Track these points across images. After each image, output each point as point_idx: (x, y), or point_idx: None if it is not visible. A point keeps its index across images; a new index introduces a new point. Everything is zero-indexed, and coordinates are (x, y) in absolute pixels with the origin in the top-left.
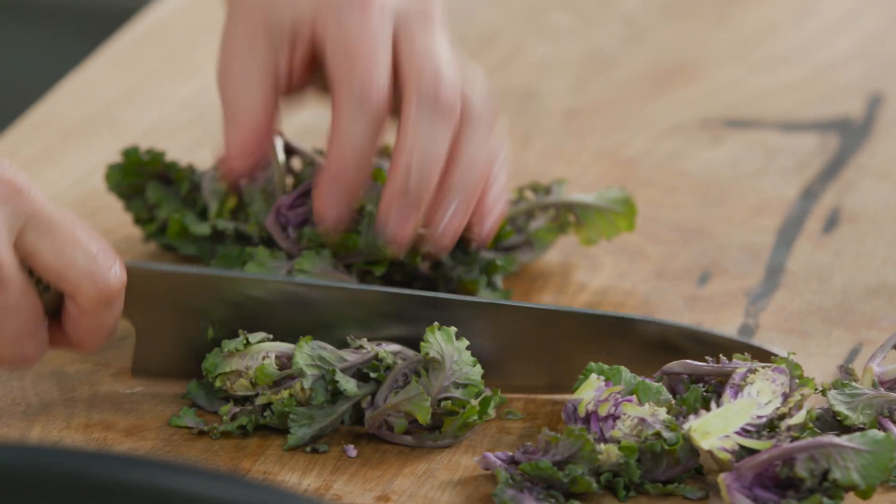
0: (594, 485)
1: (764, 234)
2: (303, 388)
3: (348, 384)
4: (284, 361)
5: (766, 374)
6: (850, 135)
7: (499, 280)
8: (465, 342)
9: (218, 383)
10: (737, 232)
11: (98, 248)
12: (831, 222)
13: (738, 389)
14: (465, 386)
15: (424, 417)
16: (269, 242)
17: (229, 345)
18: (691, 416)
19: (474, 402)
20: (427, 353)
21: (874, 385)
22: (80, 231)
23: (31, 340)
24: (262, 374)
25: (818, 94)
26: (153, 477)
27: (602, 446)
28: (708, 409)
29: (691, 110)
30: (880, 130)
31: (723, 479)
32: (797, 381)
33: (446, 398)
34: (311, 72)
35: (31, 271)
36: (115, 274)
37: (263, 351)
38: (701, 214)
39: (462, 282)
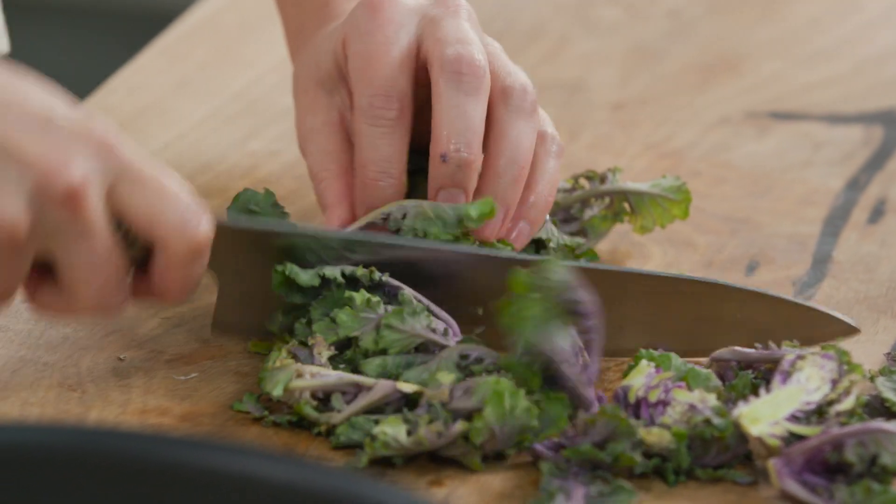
0: (637, 458)
1: (810, 225)
2: None
3: (385, 449)
4: (320, 395)
5: (814, 360)
6: (895, 127)
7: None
8: (520, 397)
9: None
10: (783, 222)
11: (188, 200)
12: (877, 213)
13: (786, 376)
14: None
15: (479, 467)
16: (378, 287)
17: (266, 387)
18: (740, 403)
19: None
20: (477, 442)
21: None
22: (172, 183)
23: (115, 292)
24: (301, 411)
25: (862, 87)
26: (210, 458)
27: (649, 429)
28: (757, 395)
29: (737, 103)
30: None
31: (773, 464)
32: (846, 367)
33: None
34: None
35: (119, 224)
36: (204, 226)
37: (298, 390)
38: (748, 205)
39: None
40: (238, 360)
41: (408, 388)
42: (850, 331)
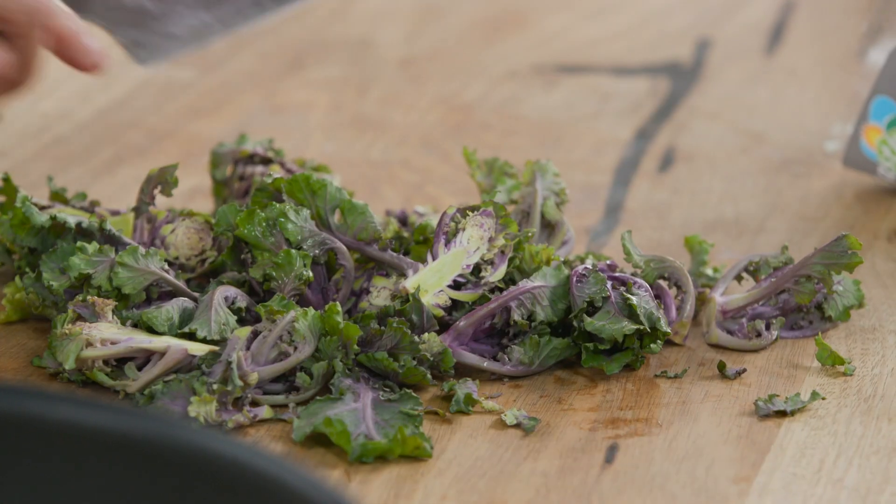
0: (429, 376)
1: (601, 174)
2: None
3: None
4: (114, 363)
5: (475, 219)
6: (681, 78)
7: None
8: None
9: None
10: (575, 172)
11: None
12: (666, 161)
13: (448, 238)
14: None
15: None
16: (111, 240)
17: (58, 357)
18: (409, 272)
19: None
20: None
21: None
22: None
23: None
24: (95, 379)
25: (648, 40)
26: (24, 405)
27: (424, 335)
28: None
29: (524, 57)
30: (709, 74)
31: (441, 340)
32: (501, 222)
33: None
34: None
35: None
36: None
37: (90, 358)
38: (539, 156)
39: None
40: (37, 316)
41: (199, 350)
42: None
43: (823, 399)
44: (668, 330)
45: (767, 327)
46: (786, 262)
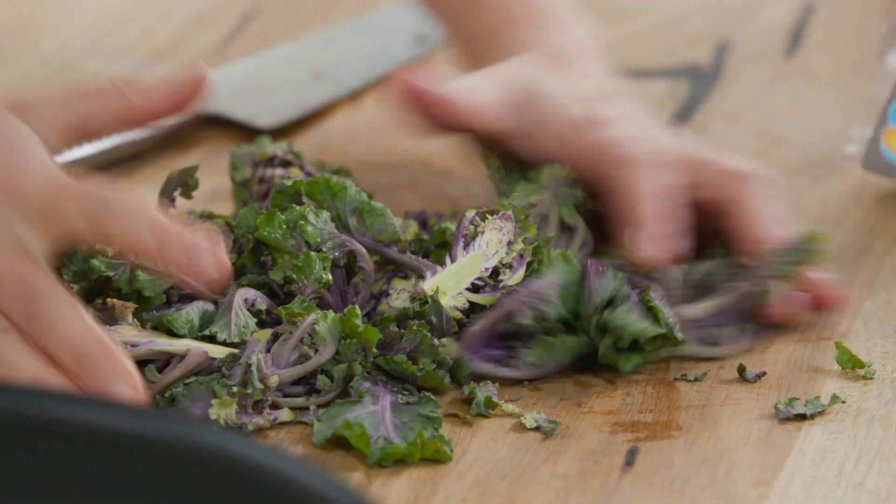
0: (447, 379)
1: None
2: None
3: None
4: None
5: (494, 223)
6: (700, 81)
7: None
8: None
9: None
10: None
11: None
12: None
13: (467, 240)
14: None
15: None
16: None
17: None
18: (428, 274)
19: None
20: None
21: None
22: None
23: None
24: None
25: (667, 43)
26: (44, 407)
27: (443, 339)
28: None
29: None
30: (729, 76)
31: (459, 349)
32: (519, 225)
33: None
34: None
35: None
36: None
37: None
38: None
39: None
40: None
41: (219, 353)
42: None
43: (843, 402)
44: (682, 338)
45: (731, 335)
46: (738, 266)
